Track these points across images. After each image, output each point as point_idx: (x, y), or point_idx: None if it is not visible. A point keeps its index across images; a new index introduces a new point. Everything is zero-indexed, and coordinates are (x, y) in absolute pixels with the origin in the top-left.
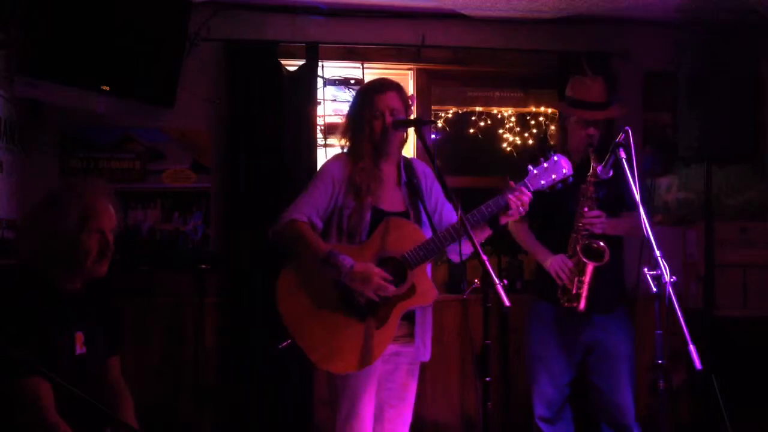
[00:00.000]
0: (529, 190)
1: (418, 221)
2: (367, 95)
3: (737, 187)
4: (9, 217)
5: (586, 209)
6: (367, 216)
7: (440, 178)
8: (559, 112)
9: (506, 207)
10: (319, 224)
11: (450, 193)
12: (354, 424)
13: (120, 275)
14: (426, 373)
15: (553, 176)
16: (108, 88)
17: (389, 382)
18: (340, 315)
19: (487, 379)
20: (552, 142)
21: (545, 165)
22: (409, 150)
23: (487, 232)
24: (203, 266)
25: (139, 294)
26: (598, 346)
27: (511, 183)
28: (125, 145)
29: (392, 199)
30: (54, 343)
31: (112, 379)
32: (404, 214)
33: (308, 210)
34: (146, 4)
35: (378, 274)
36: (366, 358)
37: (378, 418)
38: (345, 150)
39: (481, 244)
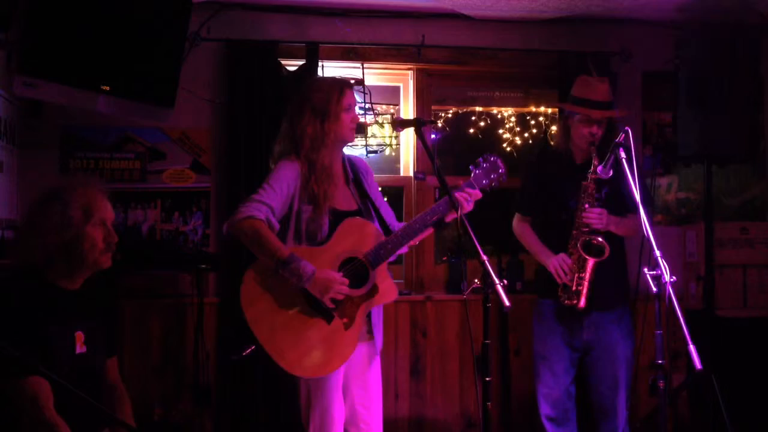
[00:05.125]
0: (475, 189)
1: (370, 218)
2: (339, 87)
3: (737, 187)
4: (9, 217)
5: (587, 206)
6: (326, 219)
7: (440, 177)
8: (559, 112)
9: (453, 206)
10: (276, 225)
11: (449, 191)
12: (328, 425)
13: (120, 275)
14: (426, 373)
15: (492, 175)
16: (108, 88)
17: (353, 380)
18: (307, 318)
19: (487, 379)
20: (552, 143)
21: (485, 165)
22: (409, 150)
23: (430, 231)
24: (203, 266)
25: (139, 294)
26: (596, 345)
27: (461, 182)
28: (125, 145)
29: (344, 197)
30: (54, 343)
31: (111, 380)
32: (357, 212)
33: (266, 210)
34: (146, 4)
35: (338, 281)
36: (336, 360)
37: (351, 420)
38: (286, 148)
39: (482, 244)
